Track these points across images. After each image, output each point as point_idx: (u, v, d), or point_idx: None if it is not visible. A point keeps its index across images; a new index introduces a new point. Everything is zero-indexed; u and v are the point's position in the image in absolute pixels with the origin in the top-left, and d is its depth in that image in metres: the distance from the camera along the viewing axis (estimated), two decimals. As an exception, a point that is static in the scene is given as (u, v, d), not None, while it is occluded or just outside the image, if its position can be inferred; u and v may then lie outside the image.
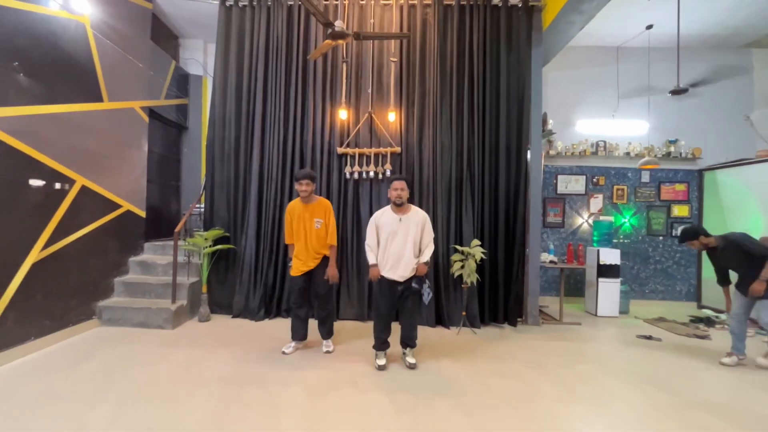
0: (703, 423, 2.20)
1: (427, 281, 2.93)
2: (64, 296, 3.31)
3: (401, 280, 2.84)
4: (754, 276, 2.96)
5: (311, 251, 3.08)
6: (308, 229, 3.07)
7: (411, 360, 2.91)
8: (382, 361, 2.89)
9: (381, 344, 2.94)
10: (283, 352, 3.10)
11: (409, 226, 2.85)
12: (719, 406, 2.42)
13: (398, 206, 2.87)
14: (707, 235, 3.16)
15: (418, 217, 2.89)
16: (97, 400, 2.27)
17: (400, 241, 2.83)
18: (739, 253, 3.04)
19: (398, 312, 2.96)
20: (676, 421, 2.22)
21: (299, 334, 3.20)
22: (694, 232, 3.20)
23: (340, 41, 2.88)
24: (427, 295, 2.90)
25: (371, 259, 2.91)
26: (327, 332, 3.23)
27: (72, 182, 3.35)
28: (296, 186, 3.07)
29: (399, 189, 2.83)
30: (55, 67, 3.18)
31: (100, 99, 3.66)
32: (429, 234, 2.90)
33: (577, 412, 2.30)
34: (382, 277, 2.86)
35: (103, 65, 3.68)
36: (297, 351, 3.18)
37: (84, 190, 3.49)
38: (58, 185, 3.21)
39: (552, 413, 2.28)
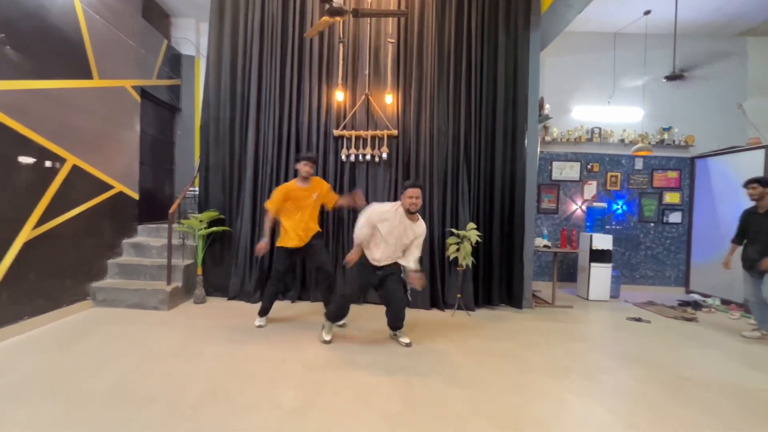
0: (688, 394, 2.28)
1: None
2: (58, 276, 3.28)
3: (382, 265, 2.86)
4: None
5: (307, 228, 3.21)
6: (306, 206, 3.19)
7: (406, 339, 2.96)
8: (329, 337, 2.95)
9: (339, 317, 3.07)
10: (259, 326, 3.25)
11: (412, 233, 2.83)
12: (704, 380, 2.51)
13: (411, 214, 2.79)
14: None
15: (420, 228, 2.86)
16: (99, 372, 2.29)
17: (397, 243, 2.82)
18: None
19: (384, 298, 2.96)
20: (661, 393, 2.29)
21: (267, 309, 3.33)
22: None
23: (338, 18, 2.83)
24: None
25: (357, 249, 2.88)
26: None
27: (63, 161, 3.29)
28: (299, 166, 3.21)
29: (415, 197, 2.74)
30: (43, 41, 3.08)
31: (89, 76, 3.57)
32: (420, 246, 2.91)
33: (565, 385, 2.36)
34: (366, 260, 2.86)
35: (92, 41, 3.58)
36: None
37: (75, 169, 3.42)
38: (48, 163, 3.15)
39: (542, 385, 2.35)
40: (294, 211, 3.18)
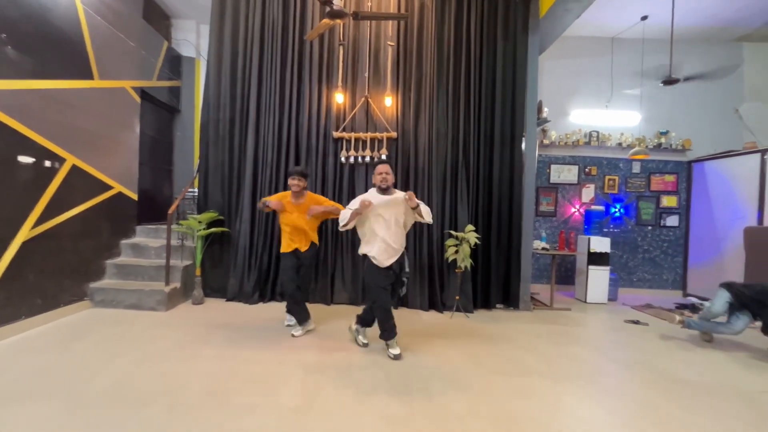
0: (689, 397, 2.29)
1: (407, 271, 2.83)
2: (56, 276, 3.27)
3: (390, 265, 2.73)
4: None
5: (303, 238, 3.16)
6: (298, 221, 3.10)
7: (395, 351, 2.73)
8: (366, 339, 2.94)
9: (393, 330, 2.77)
10: (293, 335, 3.09)
11: (394, 206, 2.71)
12: (705, 383, 2.51)
13: (383, 190, 2.75)
14: None
15: (400, 195, 2.72)
16: (97, 373, 2.28)
17: (385, 225, 2.71)
18: None
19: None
20: (662, 395, 2.30)
21: (303, 315, 3.17)
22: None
23: (338, 20, 2.85)
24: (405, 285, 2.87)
25: (349, 215, 2.68)
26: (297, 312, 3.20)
27: (62, 161, 3.29)
28: (289, 180, 3.12)
29: (385, 173, 2.71)
30: (44, 42, 3.09)
31: (90, 76, 3.57)
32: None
33: (566, 388, 2.36)
34: (375, 265, 2.71)
35: (93, 41, 3.59)
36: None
37: (75, 169, 3.42)
38: (48, 163, 3.14)
39: (542, 388, 2.35)
40: (287, 222, 3.14)
